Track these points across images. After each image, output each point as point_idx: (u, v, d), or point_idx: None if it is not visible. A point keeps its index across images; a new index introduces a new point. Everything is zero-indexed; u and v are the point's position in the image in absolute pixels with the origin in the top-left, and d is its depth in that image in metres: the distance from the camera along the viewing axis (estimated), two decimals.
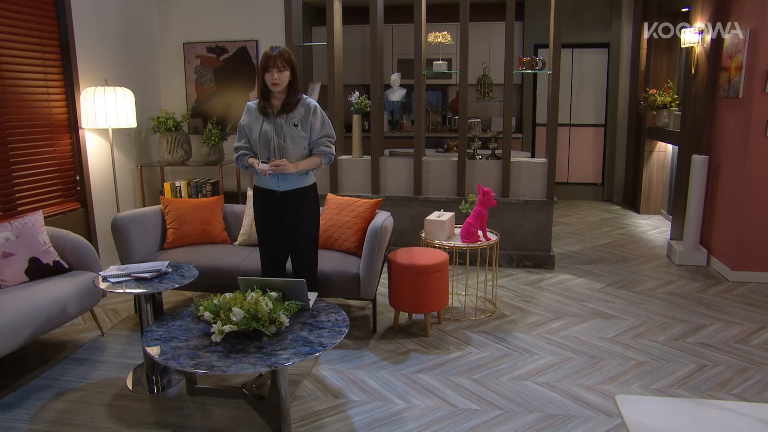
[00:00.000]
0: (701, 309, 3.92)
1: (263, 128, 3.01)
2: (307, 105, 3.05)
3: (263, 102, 3.02)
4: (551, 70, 4.60)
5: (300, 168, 3.02)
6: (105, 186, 4.61)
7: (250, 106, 3.11)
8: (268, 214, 3.14)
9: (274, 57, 2.90)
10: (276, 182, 3.06)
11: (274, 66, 2.91)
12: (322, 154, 3.09)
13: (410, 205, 4.96)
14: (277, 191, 3.08)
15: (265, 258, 3.26)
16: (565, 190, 7.83)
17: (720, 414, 1.66)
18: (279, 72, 2.92)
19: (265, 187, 3.10)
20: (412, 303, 3.50)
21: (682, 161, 5.18)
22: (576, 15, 7.33)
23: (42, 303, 2.96)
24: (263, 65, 2.94)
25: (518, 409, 2.72)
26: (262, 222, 3.18)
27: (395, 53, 7.48)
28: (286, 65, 2.93)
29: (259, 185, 3.14)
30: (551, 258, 4.82)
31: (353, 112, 5.01)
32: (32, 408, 2.74)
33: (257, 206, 3.19)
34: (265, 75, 2.94)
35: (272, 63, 2.91)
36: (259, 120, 3.03)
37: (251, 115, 3.08)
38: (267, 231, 3.18)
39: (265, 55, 2.93)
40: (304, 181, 3.11)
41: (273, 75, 2.91)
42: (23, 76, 3.89)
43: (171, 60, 5.48)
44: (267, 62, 2.92)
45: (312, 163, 3.07)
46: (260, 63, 2.96)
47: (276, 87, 2.94)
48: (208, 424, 2.61)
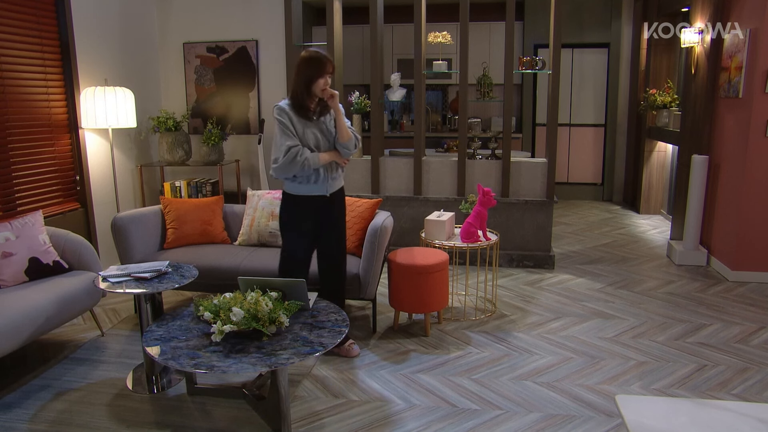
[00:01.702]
0: (701, 309, 3.92)
1: (309, 129, 2.95)
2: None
3: (301, 104, 2.92)
4: (551, 70, 4.60)
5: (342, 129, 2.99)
6: (105, 186, 4.61)
7: (284, 108, 2.94)
8: (310, 220, 3.07)
9: (329, 62, 2.86)
10: (325, 187, 3.03)
11: (327, 72, 2.86)
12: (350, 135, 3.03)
13: (410, 205, 4.96)
14: (326, 195, 3.05)
15: (293, 266, 3.13)
16: (565, 190, 7.83)
17: (720, 414, 1.66)
18: (329, 77, 2.90)
19: (313, 194, 3.02)
20: (412, 303, 3.50)
21: (682, 161, 5.18)
22: (576, 15, 7.33)
23: (42, 303, 2.96)
24: (317, 69, 2.85)
25: (518, 409, 2.72)
26: (302, 230, 3.08)
27: (395, 53, 7.48)
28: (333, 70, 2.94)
29: (304, 193, 3.02)
30: (551, 258, 4.82)
31: (353, 112, 5.01)
32: (32, 408, 2.74)
33: (298, 214, 3.06)
34: (319, 80, 2.86)
35: (328, 68, 2.86)
36: (301, 122, 2.94)
37: (290, 115, 2.93)
38: (306, 239, 3.11)
39: (318, 59, 2.85)
40: (342, 180, 3.17)
41: (327, 80, 2.87)
42: (23, 76, 3.89)
43: (171, 60, 5.49)
44: (323, 67, 2.85)
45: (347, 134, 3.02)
46: (310, 66, 2.86)
47: (325, 93, 2.89)
48: (208, 424, 2.61)
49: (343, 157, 3.06)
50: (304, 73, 2.89)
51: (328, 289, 3.23)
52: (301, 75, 2.90)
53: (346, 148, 3.03)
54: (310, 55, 2.88)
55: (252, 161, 5.51)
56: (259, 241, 3.88)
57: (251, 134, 5.46)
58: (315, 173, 2.99)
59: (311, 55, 2.89)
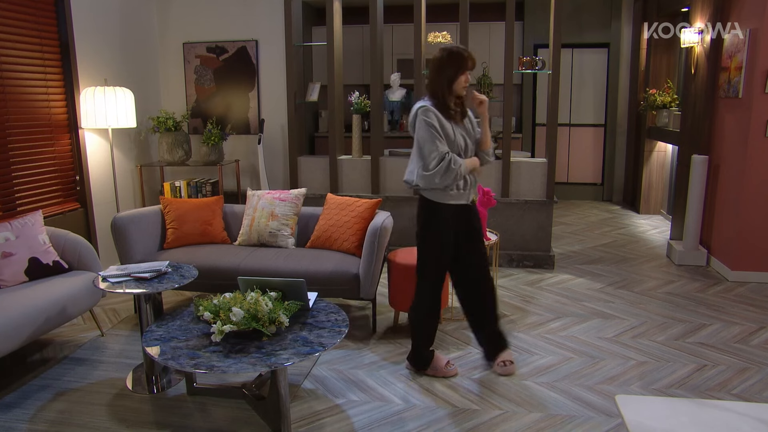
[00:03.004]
0: (701, 309, 3.92)
1: (457, 131, 2.77)
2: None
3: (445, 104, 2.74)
4: (551, 70, 4.60)
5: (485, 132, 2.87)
6: (105, 186, 4.61)
7: (431, 108, 2.72)
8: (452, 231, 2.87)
9: (470, 57, 2.69)
10: (467, 195, 2.86)
11: (468, 67, 2.71)
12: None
13: (410, 205, 4.96)
14: (468, 204, 2.88)
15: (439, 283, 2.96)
16: (565, 190, 7.83)
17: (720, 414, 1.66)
18: (469, 74, 2.75)
19: (458, 203, 2.83)
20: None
21: (682, 161, 5.18)
22: (576, 15, 7.34)
23: (42, 303, 2.96)
24: (459, 65, 2.68)
25: (518, 409, 2.71)
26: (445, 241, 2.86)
27: (395, 53, 7.47)
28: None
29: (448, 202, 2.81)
30: (551, 258, 4.81)
31: (353, 112, 5.01)
32: (32, 408, 2.74)
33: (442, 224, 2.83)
34: (461, 76, 2.70)
35: (469, 64, 2.70)
36: (448, 123, 2.74)
37: (438, 117, 2.72)
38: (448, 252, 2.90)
39: (459, 54, 2.68)
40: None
41: (467, 77, 2.73)
42: (23, 76, 3.89)
43: (171, 60, 5.48)
44: (464, 63, 2.69)
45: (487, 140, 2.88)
46: (452, 62, 2.69)
47: (474, 99, 2.79)
48: (207, 424, 2.61)
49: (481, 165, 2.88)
50: (445, 71, 2.70)
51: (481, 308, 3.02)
52: (442, 72, 2.71)
53: (487, 155, 2.89)
54: (450, 51, 2.70)
55: (252, 161, 5.51)
56: (258, 241, 3.88)
57: (251, 134, 5.46)
58: (463, 181, 2.81)
59: (452, 50, 2.70)
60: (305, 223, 3.98)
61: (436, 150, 2.66)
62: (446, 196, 2.79)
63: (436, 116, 2.69)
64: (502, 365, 3.04)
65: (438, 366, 3.01)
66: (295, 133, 5.10)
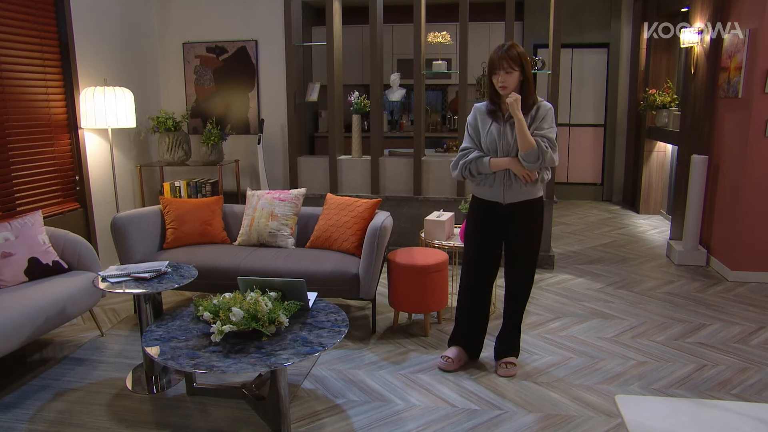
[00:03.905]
0: (701, 309, 3.92)
1: (490, 130, 2.79)
2: (540, 108, 2.77)
3: (491, 105, 2.80)
4: (551, 70, 4.60)
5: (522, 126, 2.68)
6: (104, 186, 4.61)
7: (478, 107, 2.86)
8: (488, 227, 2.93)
9: (499, 58, 2.68)
10: (501, 194, 2.84)
11: (500, 68, 2.68)
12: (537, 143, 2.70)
13: (410, 205, 4.96)
14: (502, 203, 2.85)
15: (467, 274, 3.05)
16: (564, 190, 7.83)
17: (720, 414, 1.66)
18: (506, 74, 2.69)
19: (489, 199, 2.88)
20: (412, 303, 3.50)
21: (682, 161, 5.18)
22: (575, 15, 7.34)
23: (41, 303, 2.96)
24: (490, 65, 2.72)
25: (518, 409, 2.71)
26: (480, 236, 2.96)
27: (395, 53, 7.47)
28: (515, 65, 2.68)
29: (481, 196, 2.91)
30: (551, 258, 4.81)
31: (353, 112, 5.01)
32: (31, 408, 2.74)
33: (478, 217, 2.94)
34: (492, 77, 2.73)
35: (498, 64, 2.69)
36: (487, 122, 2.81)
37: (478, 116, 2.84)
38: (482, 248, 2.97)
39: (490, 58, 2.71)
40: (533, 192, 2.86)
41: (499, 77, 2.70)
42: (23, 76, 3.89)
43: (170, 60, 5.48)
44: (491, 63, 2.71)
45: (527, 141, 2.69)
46: (489, 63, 2.74)
47: (504, 90, 2.71)
48: (207, 424, 2.61)
49: (524, 168, 2.75)
50: (489, 72, 2.76)
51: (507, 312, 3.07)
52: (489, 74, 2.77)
53: (524, 159, 2.71)
54: (492, 53, 2.74)
55: (251, 161, 5.51)
56: (258, 241, 3.88)
57: (251, 134, 5.46)
58: (489, 177, 2.83)
59: (492, 52, 2.74)
60: (305, 223, 3.98)
61: (463, 144, 2.89)
62: (476, 189, 2.94)
63: (475, 114, 2.86)
64: (503, 367, 3.04)
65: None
66: (294, 133, 5.10)
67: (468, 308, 3.09)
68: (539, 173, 2.80)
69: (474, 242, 2.98)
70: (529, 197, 2.85)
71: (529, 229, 2.90)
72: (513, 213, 2.86)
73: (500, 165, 2.78)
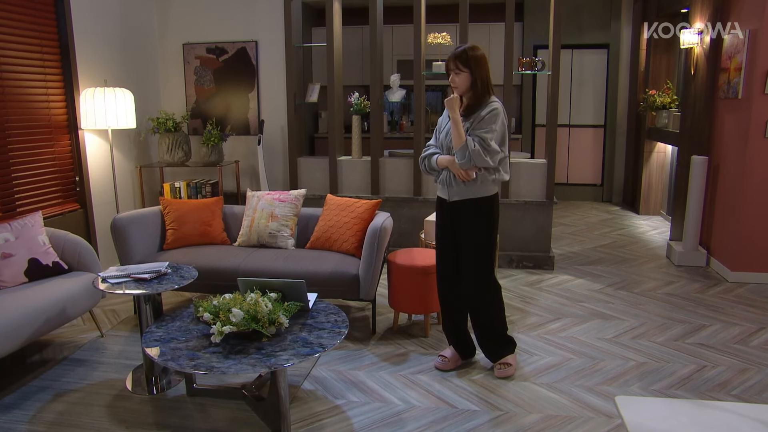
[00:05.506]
0: (701, 310, 3.92)
1: (446, 128, 2.87)
2: (486, 109, 2.77)
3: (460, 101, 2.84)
4: (551, 71, 4.60)
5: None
6: (104, 187, 4.61)
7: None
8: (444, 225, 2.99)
9: (450, 59, 2.76)
10: (445, 191, 2.92)
11: (449, 68, 2.78)
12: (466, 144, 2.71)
13: (410, 206, 4.96)
14: (447, 200, 2.92)
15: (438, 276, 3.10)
16: (564, 191, 7.83)
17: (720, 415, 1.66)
18: (455, 74, 2.77)
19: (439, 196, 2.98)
20: (412, 304, 3.50)
21: (682, 162, 5.18)
22: (575, 16, 7.34)
23: (41, 304, 2.96)
24: (445, 66, 2.82)
25: (518, 410, 2.71)
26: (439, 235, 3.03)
27: (395, 54, 7.48)
28: (463, 66, 2.73)
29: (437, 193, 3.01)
30: (551, 259, 4.81)
31: (353, 113, 5.01)
32: (31, 409, 2.74)
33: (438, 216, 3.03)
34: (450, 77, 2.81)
35: (448, 65, 2.78)
36: (446, 121, 2.90)
37: (444, 115, 2.93)
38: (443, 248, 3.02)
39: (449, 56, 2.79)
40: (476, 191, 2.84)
41: (451, 77, 2.79)
42: (23, 76, 3.89)
43: (170, 61, 5.49)
44: (446, 64, 2.80)
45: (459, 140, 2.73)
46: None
47: (456, 90, 2.79)
48: (207, 425, 2.61)
49: (457, 167, 2.76)
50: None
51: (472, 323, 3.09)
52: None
53: (456, 156, 2.76)
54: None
55: (251, 162, 5.51)
56: (258, 242, 3.88)
57: (251, 135, 5.46)
58: (440, 174, 2.91)
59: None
60: (305, 224, 3.98)
61: (429, 141, 2.99)
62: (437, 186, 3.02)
63: (445, 113, 2.93)
64: (499, 368, 3.04)
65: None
66: (294, 133, 5.11)
67: (445, 309, 3.13)
68: (478, 173, 2.78)
69: (436, 239, 3.07)
70: (474, 196, 2.84)
71: (472, 229, 2.87)
72: (457, 210, 2.90)
73: (444, 163, 2.87)
